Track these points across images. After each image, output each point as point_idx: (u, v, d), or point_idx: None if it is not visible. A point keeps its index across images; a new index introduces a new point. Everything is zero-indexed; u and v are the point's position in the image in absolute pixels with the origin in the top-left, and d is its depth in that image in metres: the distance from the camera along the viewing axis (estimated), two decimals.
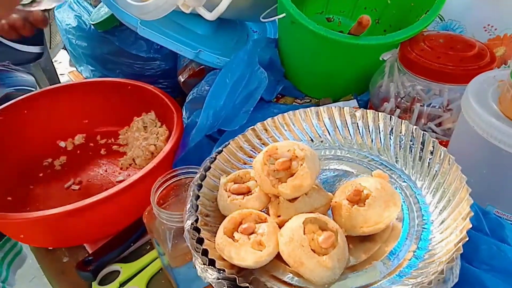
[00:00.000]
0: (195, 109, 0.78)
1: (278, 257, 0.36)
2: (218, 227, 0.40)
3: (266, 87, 0.74)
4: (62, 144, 0.83)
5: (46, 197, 0.71)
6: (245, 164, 0.47)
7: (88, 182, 0.74)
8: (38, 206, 0.69)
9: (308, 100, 0.82)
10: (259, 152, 0.48)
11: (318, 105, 0.53)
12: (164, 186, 0.51)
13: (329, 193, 0.40)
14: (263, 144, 0.48)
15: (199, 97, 0.79)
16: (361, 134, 0.47)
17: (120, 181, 0.73)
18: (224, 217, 0.41)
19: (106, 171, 0.76)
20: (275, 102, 0.81)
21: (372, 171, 0.41)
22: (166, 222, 0.47)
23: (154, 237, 0.51)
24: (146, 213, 0.51)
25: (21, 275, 0.96)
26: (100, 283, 0.58)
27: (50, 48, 1.59)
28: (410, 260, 0.35)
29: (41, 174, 0.76)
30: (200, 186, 0.42)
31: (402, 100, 0.53)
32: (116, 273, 0.59)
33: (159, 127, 0.77)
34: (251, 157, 0.48)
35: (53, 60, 1.85)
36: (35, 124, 0.80)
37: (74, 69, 1.09)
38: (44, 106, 0.80)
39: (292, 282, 0.35)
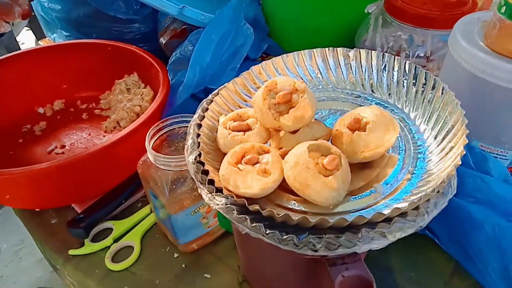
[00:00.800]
0: (179, 70, 0.77)
1: (281, 187, 0.36)
2: (220, 164, 0.40)
3: (251, 44, 0.73)
4: (41, 110, 0.79)
5: (28, 162, 0.68)
6: (240, 108, 0.47)
7: (72, 146, 0.72)
8: None
9: None
10: (253, 96, 0.48)
11: None
12: (158, 135, 0.51)
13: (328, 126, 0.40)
14: (257, 88, 0.48)
15: (183, 58, 0.78)
16: (354, 73, 0.48)
17: None
18: (224, 155, 0.41)
19: (89, 134, 0.74)
20: (260, 60, 0.81)
21: None
22: (163, 167, 0.47)
23: (149, 188, 0.51)
24: (140, 163, 0.50)
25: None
26: (92, 240, 0.57)
27: (12, 25, 1.51)
28: (409, 180, 0.36)
29: (20, 140, 0.73)
30: (199, 126, 0.41)
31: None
32: (109, 230, 0.58)
33: (143, 88, 0.75)
34: (245, 101, 0.48)
35: (16, 39, 1.77)
36: (9, 90, 0.76)
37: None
38: (18, 71, 0.76)
39: (297, 208, 0.36)
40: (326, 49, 0.49)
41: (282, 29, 0.79)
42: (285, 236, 0.31)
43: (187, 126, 0.53)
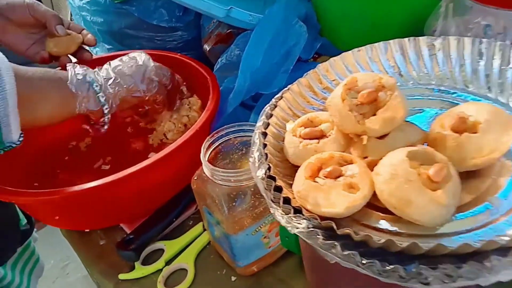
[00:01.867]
0: (226, 77, 0.72)
1: (367, 203, 0.30)
2: (290, 178, 0.34)
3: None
4: (86, 126, 0.77)
5: (75, 180, 0.66)
6: (307, 112, 0.41)
7: (118, 161, 0.68)
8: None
9: None
10: (320, 98, 0.42)
11: None
12: (213, 147, 0.46)
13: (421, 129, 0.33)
14: (325, 89, 0.42)
15: (229, 63, 0.74)
16: (441, 66, 0.40)
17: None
18: (295, 167, 0.35)
19: (136, 148, 0.71)
20: (312, 61, 0.75)
21: None
22: (221, 183, 0.41)
23: (204, 205, 0.46)
24: (195, 178, 0.45)
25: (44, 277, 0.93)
26: (143, 263, 0.52)
27: None
28: None
29: (66, 158, 0.71)
30: (264, 135, 0.36)
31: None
32: (160, 251, 0.54)
33: (189, 97, 0.71)
34: (311, 104, 0.41)
35: None
36: None
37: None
38: None
39: (391, 229, 0.29)
40: (406, 39, 0.42)
41: (336, 26, 0.72)
42: (389, 267, 0.24)
43: (243, 136, 0.48)
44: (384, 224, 0.29)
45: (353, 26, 0.69)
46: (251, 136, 0.47)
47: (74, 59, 0.68)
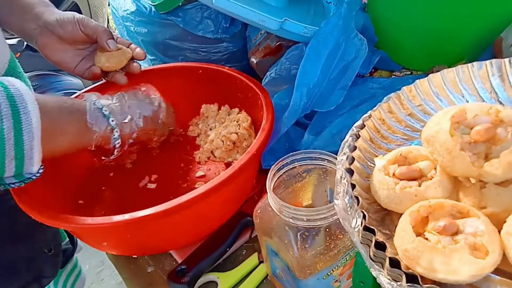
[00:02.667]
0: (275, 92, 0.68)
1: None
2: (380, 224, 0.29)
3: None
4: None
5: (121, 198, 0.63)
6: (390, 143, 0.36)
7: (165, 179, 0.65)
8: (113, 207, 0.61)
9: (409, 73, 0.69)
10: (404, 126, 0.37)
11: (426, 75, 0.40)
12: (278, 176, 0.41)
13: None
14: (409, 115, 0.37)
15: (279, 77, 0.69)
16: None
17: (201, 176, 0.64)
18: (385, 211, 0.30)
19: (182, 165, 0.67)
20: (369, 76, 0.70)
21: None
22: (291, 221, 0.37)
23: (268, 242, 0.41)
24: (258, 211, 0.41)
25: None
26: None
27: None
28: None
29: (111, 174, 0.68)
30: (350, 172, 0.31)
31: None
32: (212, 284, 0.50)
33: (238, 113, 0.67)
34: (395, 133, 0.36)
35: None
36: None
37: None
38: None
39: None
40: (506, 60, 0.36)
41: (396, 38, 0.67)
42: None
43: (309, 165, 0.44)
44: None
45: (415, 39, 0.63)
46: (317, 164, 0.43)
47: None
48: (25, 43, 1.42)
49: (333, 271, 0.39)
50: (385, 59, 0.70)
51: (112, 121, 0.52)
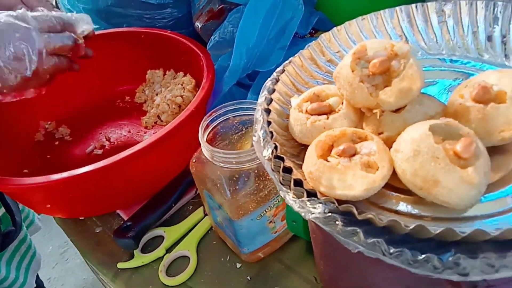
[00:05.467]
0: (220, 55, 0.69)
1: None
2: (297, 159, 0.32)
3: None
4: None
5: (67, 165, 0.63)
6: (310, 87, 0.38)
7: (112, 145, 0.65)
8: None
9: None
10: (324, 72, 0.39)
11: None
12: (211, 127, 0.43)
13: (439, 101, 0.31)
14: (328, 61, 0.39)
15: (223, 41, 0.70)
16: (452, 34, 0.38)
17: None
18: (302, 146, 0.33)
19: (129, 131, 0.68)
20: (309, 37, 0.72)
21: None
22: (222, 165, 0.39)
23: (205, 189, 0.43)
24: (194, 160, 0.43)
25: (43, 262, 0.91)
26: (142, 251, 0.50)
27: None
28: None
29: (57, 143, 0.68)
30: (268, 111, 0.33)
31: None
32: (159, 238, 0.52)
33: (183, 76, 0.68)
34: (315, 78, 0.39)
35: None
36: None
37: None
38: None
39: (413, 212, 0.27)
40: (413, 5, 0.39)
41: (333, 1, 0.68)
42: (421, 257, 0.22)
43: (243, 115, 0.46)
44: (404, 206, 0.27)
45: (353, 0, 0.66)
46: (251, 115, 0.45)
47: None
48: None
49: (265, 212, 0.42)
50: (324, 20, 0.72)
51: None
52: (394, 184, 0.28)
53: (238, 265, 0.47)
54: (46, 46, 0.47)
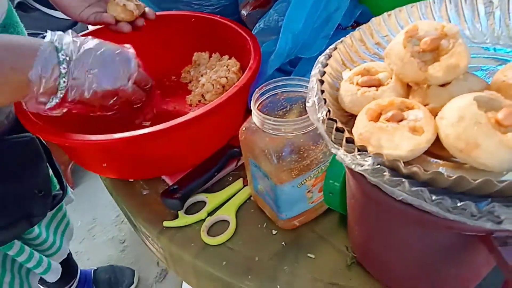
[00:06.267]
0: (263, 42, 0.72)
1: (426, 151, 0.30)
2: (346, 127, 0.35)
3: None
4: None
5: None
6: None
7: (158, 119, 0.69)
8: None
9: None
10: (372, 53, 0.42)
11: None
12: (261, 100, 0.46)
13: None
14: (377, 44, 0.42)
15: (267, 28, 0.73)
16: (498, 24, 0.40)
17: None
18: (351, 117, 0.36)
19: (175, 108, 0.72)
20: (351, 29, 0.74)
21: None
22: (271, 132, 0.42)
23: (251, 157, 0.47)
24: (243, 129, 0.46)
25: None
26: (186, 213, 0.54)
27: None
28: None
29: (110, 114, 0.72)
30: (321, 82, 0.36)
31: None
32: (202, 203, 0.56)
33: (228, 59, 0.72)
34: (363, 59, 0.42)
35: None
36: None
37: None
38: None
39: (452, 175, 0.29)
40: None
41: None
42: (460, 204, 0.25)
43: (290, 92, 0.49)
44: (444, 171, 0.30)
45: None
46: (297, 91, 0.48)
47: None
48: (16, 1, 1.43)
49: (306, 180, 0.45)
50: (367, 14, 0.74)
51: (64, 82, 0.46)
52: (435, 152, 0.31)
53: (274, 232, 0.51)
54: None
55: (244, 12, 0.82)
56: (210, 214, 0.54)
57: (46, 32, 0.49)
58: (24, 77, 0.44)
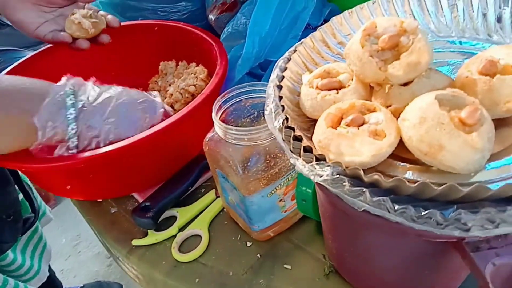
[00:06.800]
0: (232, 46, 0.70)
1: (391, 154, 0.29)
2: (308, 133, 0.33)
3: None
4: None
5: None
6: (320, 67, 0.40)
7: None
8: None
9: None
10: (335, 54, 0.41)
11: None
12: (224, 108, 0.44)
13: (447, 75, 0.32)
14: (339, 43, 0.41)
15: (236, 32, 0.71)
16: (462, 16, 0.39)
17: None
18: (312, 121, 0.34)
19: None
20: None
21: None
22: (234, 142, 0.40)
23: (218, 168, 0.45)
24: (207, 140, 0.44)
25: (56, 254, 0.91)
26: (156, 229, 0.52)
27: None
28: None
29: None
30: (279, 88, 0.34)
31: None
32: (173, 218, 0.53)
33: (195, 66, 0.69)
34: (326, 59, 0.40)
35: None
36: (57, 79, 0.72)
37: None
38: (62, 59, 0.70)
39: (419, 179, 0.28)
40: None
41: None
42: (424, 212, 0.23)
43: (255, 98, 0.47)
44: (411, 175, 0.28)
45: None
46: (262, 97, 0.46)
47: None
48: None
49: (276, 189, 0.43)
50: (336, 12, 0.73)
51: (72, 129, 0.44)
52: (401, 155, 0.29)
53: (249, 244, 0.48)
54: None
55: (211, 17, 0.80)
56: (181, 229, 0.51)
57: (17, 48, 0.46)
58: (31, 120, 0.42)
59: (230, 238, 0.49)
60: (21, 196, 0.70)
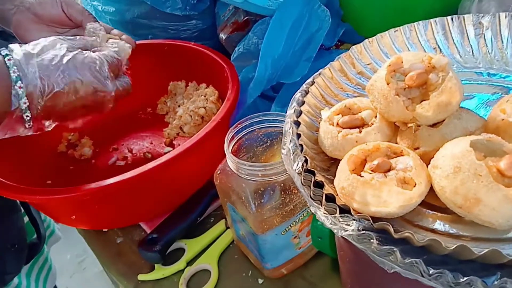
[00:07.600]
0: (244, 66, 0.69)
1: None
2: (328, 174, 0.31)
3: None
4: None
5: (90, 177, 0.63)
6: (340, 100, 0.37)
7: (134, 157, 0.65)
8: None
9: None
10: (354, 84, 0.38)
11: None
12: (237, 138, 0.42)
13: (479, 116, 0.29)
14: (359, 73, 0.38)
15: (247, 52, 0.70)
16: (489, 46, 0.36)
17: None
18: (332, 160, 0.32)
19: (151, 143, 0.68)
20: (335, 49, 0.71)
21: None
22: (247, 178, 0.38)
23: (228, 202, 0.43)
24: (218, 172, 0.42)
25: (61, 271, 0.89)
26: (163, 263, 0.49)
27: None
28: None
29: (79, 153, 0.68)
30: (297, 124, 0.32)
31: None
32: (180, 251, 0.51)
33: (205, 88, 0.68)
34: (345, 90, 0.38)
35: None
36: None
37: None
38: None
39: (451, 232, 0.25)
40: (448, 18, 0.38)
41: (361, 11, 0.68)
42: (463, 279, 0.20)
43: (268, 127, 0.45)
44: (441, 225, 0.26)
45: (379, 12, 0.65)
46: (276, 127, 0.44)
47: None
48: None
49: (290, 227, 0.41)
50: (350, 32, 0.71)
51: (20, 87, 0.38)
52: (430, 202, 0.27)
53: (260, 281, 0.46)
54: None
55: (222, 36, 0.78)
56: (189, 263, 0.49)
57: None
58: None
59: (240, 274, 0.47)
60: (26, 218, 0.68)
